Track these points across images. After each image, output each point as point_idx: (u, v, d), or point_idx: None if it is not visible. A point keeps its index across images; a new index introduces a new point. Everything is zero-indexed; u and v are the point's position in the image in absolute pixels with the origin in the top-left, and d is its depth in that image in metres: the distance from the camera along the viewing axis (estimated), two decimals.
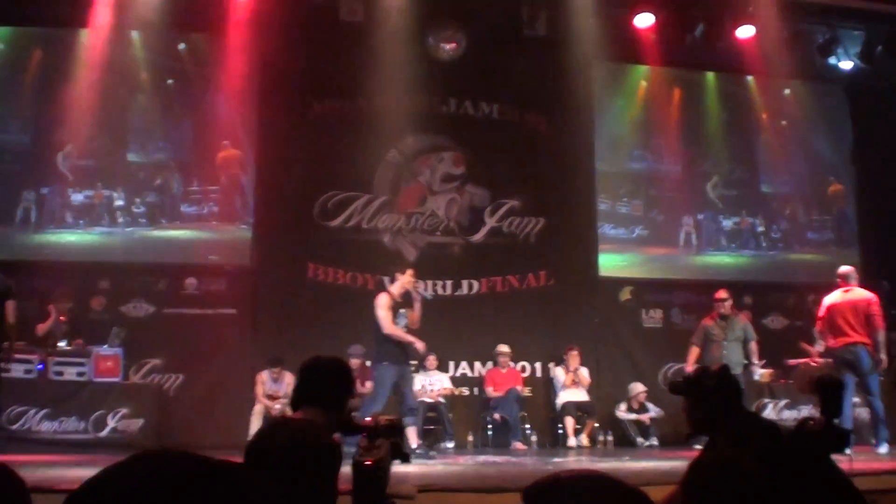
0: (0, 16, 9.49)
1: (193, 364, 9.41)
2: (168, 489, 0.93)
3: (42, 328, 8.69)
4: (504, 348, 9.59)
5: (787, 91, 11.29)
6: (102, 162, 9.84)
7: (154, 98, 9.94)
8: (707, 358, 8.73)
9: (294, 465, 2.64)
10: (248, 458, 2.83)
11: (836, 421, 3.00)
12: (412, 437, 7.42)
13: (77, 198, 9.73)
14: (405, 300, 7.46)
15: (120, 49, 9.72)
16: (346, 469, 2.62)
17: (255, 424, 8.74)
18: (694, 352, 8.79)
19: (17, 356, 8.15)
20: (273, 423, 3.03)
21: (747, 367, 8.60)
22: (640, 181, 10.89)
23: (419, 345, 7.49)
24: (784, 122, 11.28)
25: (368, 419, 3.07)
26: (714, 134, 11.13)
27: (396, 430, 3.07)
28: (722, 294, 8.91)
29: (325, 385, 2.95)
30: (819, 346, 9.14)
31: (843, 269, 7.92)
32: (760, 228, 11.10)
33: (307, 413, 2.87)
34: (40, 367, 8.47)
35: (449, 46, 9.90)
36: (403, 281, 7.50)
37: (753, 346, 8.81)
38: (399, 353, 7.35)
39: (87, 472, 0.99)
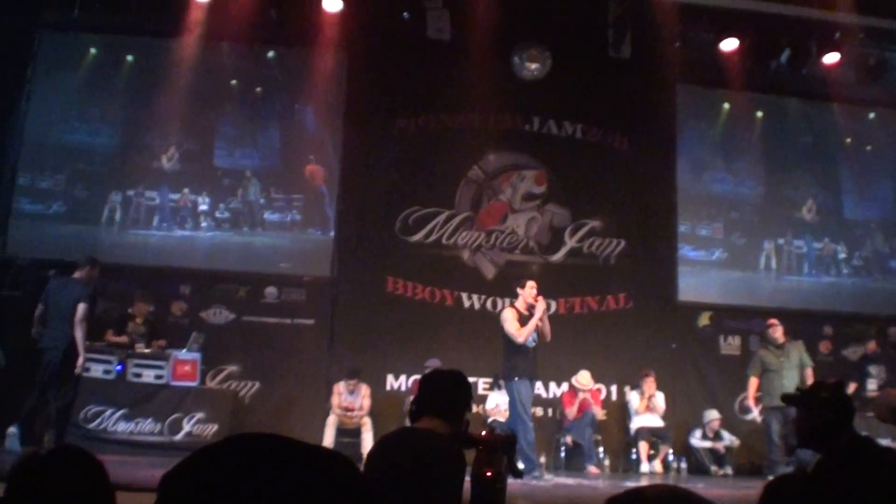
0: (94, 23, 9.75)
1: (270, 372, 9.51)
2: (263, 470, 0.93)
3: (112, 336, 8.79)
4: (584, 379, 9.43)
5: (871, 115, 11.14)
6: (190, 167, 10.02)
7: (242, 106, 10.10)
8: (767, 388, 8.60)
9: (420, 472, 2.64)
10: (370, 464, 2.84)
11: None
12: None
13: (163, 201, 9.91)
14: (530, 313, 7.38)
15: (211, 57, 9.95)
16: None
17: (329, 436, 8.77)
18: (754, 383, 8.72)
19: (97, 356, 8.33)
20: (397, 432, 3.05)
21: None
22: (721, 204, 10.75)
23: (546, 328, 7.41)
24: (868, 148, 11.11)
25: (485, 433, 3.09)
26: (797, 158, 10.99)
27: (511, 446, 3.08)
28: (774, 321, 8.82)
29: (445, 397, 3.00)
30: None
31: None
32: (843, 255, 10.89)
33: (428, 423, 2.91)
34: (119, 367, 8.60)
35: (534, 66, 9.93)
36: (525, 294, 7.46)
37: (810, 372, 8.68)
38: (529, 367, 7.28)
39: (160, 474, 0.98)
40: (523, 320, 7.33)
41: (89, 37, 9.98)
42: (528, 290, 7.46)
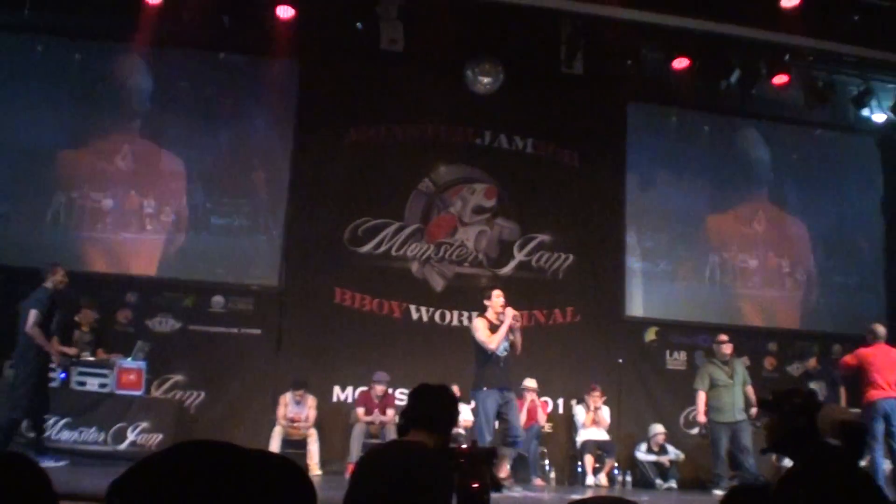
0: (44, 24, 9.61)
1: (216, 382, 9.42)
2: (210, 477, 0.93)
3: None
4: (531, 383, 9.52)
5: (818, 133, 11.38)
6: (137, 168, 9.90)
7: (192, 110, 9.99)
8: (716, 403, 8.72)
9: (411, 485, 2.68)
10: (359, 476, 2.86)
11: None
12: (504, 468, 7.34)
13: (107, 203, 9.78)
14: (501, 322, 7.34)
15: (162, 61, 9.93)
16: None
17: (275, 447, 8.71)
18: (702, 397, 8.80)
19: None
20: (386, 445, 3.10)
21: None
22: (669, 217, 10.86)
23: (517, 339, 7.40)
24: (814, 170, 11.31)
25: (466, 446, 3.15)
26: (744, 175, 11.15)
27: (492, 458, 3.15)
28: (723, 337, 8.95)
29: (434, 410, 3.07)
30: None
31: (880, 327, 7.96)
32: (787, 269, 11.06)
33: (416, 436, 2.98)
34: (63, 375, 8.50)
35: (486, 80, 9.97)
36: (493, 304, 7.43)
37: (750, 389, 8.81)
38: (499, 378, 7.22)
39: (104, 483, 1.00)
40: (494, 329, 7.30)
41: (39, 38, 9.81)
42: (496, 300, 7.44)
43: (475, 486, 2.81)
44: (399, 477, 2.71)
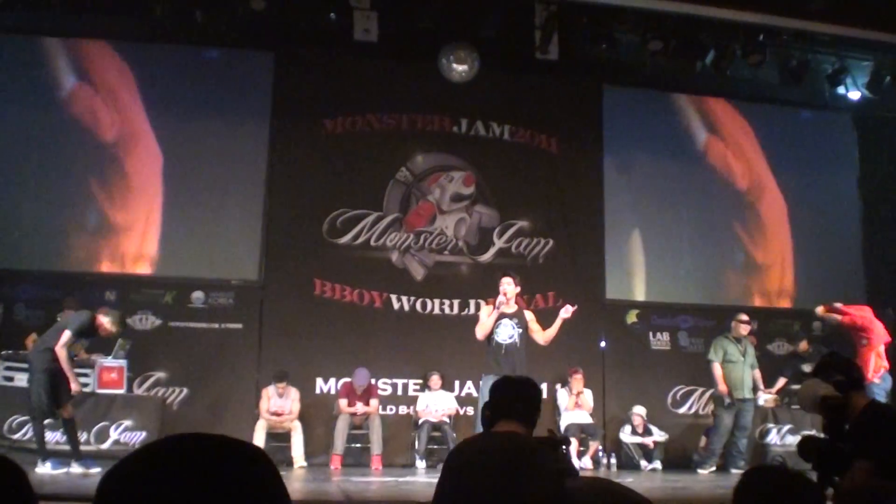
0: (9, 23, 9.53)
1: (198, 378, 9.41)
2: (202, 469, 0.93)
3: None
4: None
5: (794, 114, 11.45)
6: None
7: (166, 105, 9.91)
8: (728, 378, 8.79)
9: (520, 472, 2.71)
10: (456, 470, 2.88)
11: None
12: None
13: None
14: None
15: (133, 56, 9.86)
16: None
17: (259, 440, 8.71)
18: (718, 368, 8.86)
19: (19, 365, 8.20)
20: (485, 435, 3.12)
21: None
22: (647, 200, 10.89)
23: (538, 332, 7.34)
24: (791, 148, 11.36)
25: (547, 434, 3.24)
26: (721, 153, 11.18)
27: (563, 446, 3.26)
28: (744, 317, 9.04)
29: (523, 401, 3.15)
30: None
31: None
32: (764, 248, 11.14)
33: (506, 427, 3.03)
34: None
35: (461, 67, 9.94)
36: (502, 290, 7.21)
37: (758, 372, 8.92)
38: (501, 366, 7.02)
39: (91, 483, 1.00)
40: (500, 316, 7.17)
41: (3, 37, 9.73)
42: (502, 286, 7.22)
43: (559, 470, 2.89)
44: (508, 467, 2.74)
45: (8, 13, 9.28)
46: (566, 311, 7.30)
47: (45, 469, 7.17)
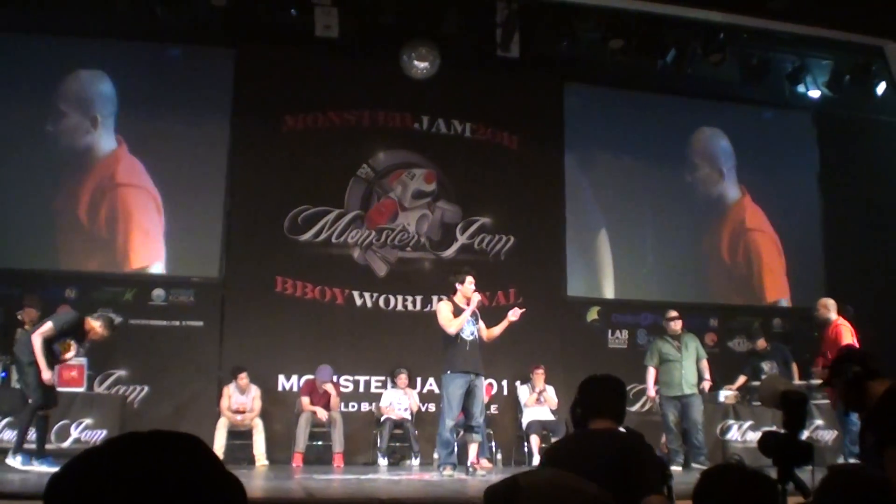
0: None
1: (159, 376, 9.34)
2: (157, 467, 0.95)
3: None
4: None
5: (754, 112, 11.55)
6: None
7: (128, 101, 9.84)
8: (666, 378, 8.85)
9: (630, 467, 2.76)
10: (553, 460, 2.97)
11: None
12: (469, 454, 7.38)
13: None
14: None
15: (91, 52, 9.80)
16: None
17: (220, 438, 8.70)
18: (652, 373, 8.93)
19: None
20: (581, 435, 3.15)
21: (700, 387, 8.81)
22: (608, 198, 10.95)
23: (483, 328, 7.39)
24: (751, 146, 11.47)
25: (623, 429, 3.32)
26: (681, 152, 11.28)
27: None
28: (673, 313, 9.07)
29: (613, 398, 3.16)
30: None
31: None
32: (725, 245, 11.24)
33: (602, 424, 3.04)
34: (3, 374, 8.44)
35: (423, 64, 9.96)
36: (464, 290, 7.35)
37: (705, 364, 8.95)
38: (466, 362, 7.14)
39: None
40: (458, 313, 7.25)
41: None
42: (468, 286, 7.35)
43: None
44: (613, 464, 2.76)
45: None
46: (514, 314, 7.40)
47: (15, 462, 7.12)
